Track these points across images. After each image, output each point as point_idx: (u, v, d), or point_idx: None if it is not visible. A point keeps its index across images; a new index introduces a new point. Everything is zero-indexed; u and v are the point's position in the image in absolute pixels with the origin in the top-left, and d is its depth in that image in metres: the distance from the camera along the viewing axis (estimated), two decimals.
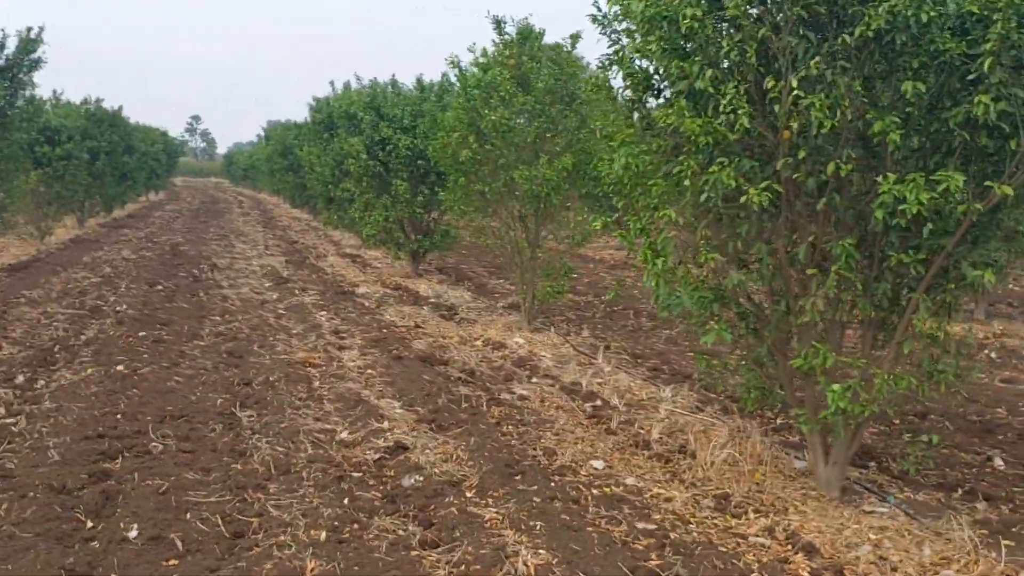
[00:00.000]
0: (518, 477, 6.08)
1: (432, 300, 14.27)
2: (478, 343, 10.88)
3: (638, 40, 5.53)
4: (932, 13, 4.80)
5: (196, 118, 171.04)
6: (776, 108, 5.07)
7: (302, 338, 10.74)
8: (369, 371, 9.15)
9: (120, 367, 8.77)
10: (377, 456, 6.49)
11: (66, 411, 7.18)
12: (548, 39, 12.02)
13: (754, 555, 5.05)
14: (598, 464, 6.45)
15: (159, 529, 5.02)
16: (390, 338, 10.77)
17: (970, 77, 4.86)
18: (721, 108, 5.02)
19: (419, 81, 17.59)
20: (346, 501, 5.60)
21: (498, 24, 11.58)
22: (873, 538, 5.24)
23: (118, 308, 12.26)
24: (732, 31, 5.13)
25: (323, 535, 5.07)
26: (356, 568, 4.69)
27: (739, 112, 4.95)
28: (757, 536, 5.32)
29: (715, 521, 5.53)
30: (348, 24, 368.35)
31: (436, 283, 16.41)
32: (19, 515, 5.09)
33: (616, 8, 5.78)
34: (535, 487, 5.88)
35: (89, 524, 5.12)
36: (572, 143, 10.99)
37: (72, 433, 6.61)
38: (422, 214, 16.63)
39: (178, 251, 20.72)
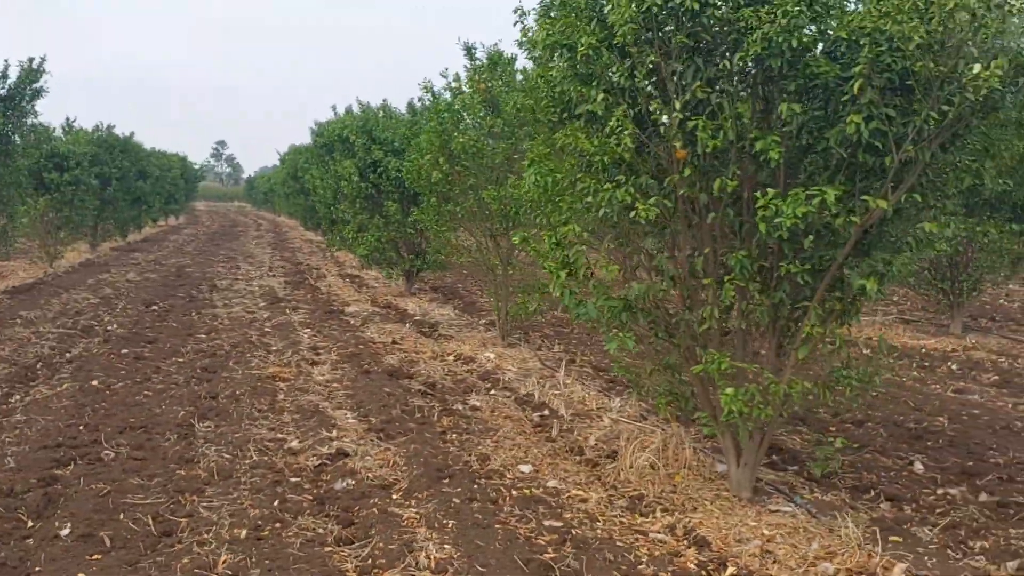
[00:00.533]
0: (446, 481, 6.40)
1: (417, 318, 14.61)
2: (449, 358, 11.22)
3: (545, 65, 5.89)
4: (805, 39, 5.12)
5: (222, 143, 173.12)
6: (661, 130, 5.40)
7: (280, 354, 11.12)
8: (335, 385, 9.51)
9: (95, 382, 9.19)
10: (318, 462, 6.85)
11: (33, 423, 7.59)
12: (523, 63, 12.42)
13: (648, 549, 5.35)
14: (526, 468, 6.77)
15: (92, 528, 5.38)
16: (364, 354, 11.13)
17: (844, 99, 5.17)
18: (608, 129, 5.37)
19: (410, 105, 18.02)
20: (276, 503, 5.95)
21: (468, 50, 11.99)
22: (767, 534, 5.52)
23: (108, 327, 12.72)
24: (622, 58, 5.46)
25: (244, 533, 5.42)
26: (267, 562, 5.03)
27: (624, 133, 5.30)
28: (658, 533, 5.62)
29: (622, 519, 5.83)
30: (371, 48, 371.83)
31: (427, 302, 16.77)
32: None
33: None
34: (459, 489, 6.20)
35: (29, 524, 5.49)
36: None
37: (32, 443, 7.01)
38: (414, 235, 16.98)
39: (183, 273, 21.24)
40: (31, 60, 16.04)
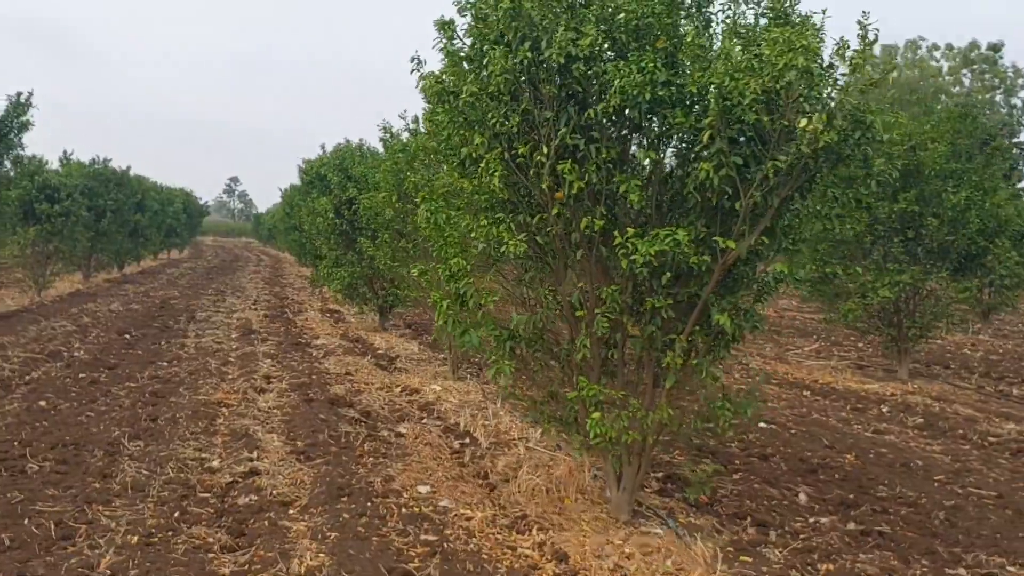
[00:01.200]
0: (345, 499, 6.78)
1: (381, 351, 15.03)
2: (396, 389, 11.60)
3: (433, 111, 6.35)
4: (660, 93, 5.56)
5: (234, 179, 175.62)
6: (531, 172, 5.84)
7: (232, 382, 11.52)
8: (275, 411, 9.90)
9: (43, 403, 9.61)
10: (230, 480, 7.23)
11: None
12: None
13: (510, 562, 5.71)
14: (424, 489, 7.14)
15: None
16: (314, 384, 11.54)
17: (698, 148, 5.60)
18: (481, 170, 5.82)
19: (385, 143, 18.53)
20: (176, 515, 6.33)
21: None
22: (628, 551, 5.87)
23: (75, 353, 13.16)
24: (498, 105, 5.91)
25: (135, 539, 5.80)
26: (148, 564, 5.41)
27: (494, 175, 5.74)
28: (527, 548, 5.98)
29: (498, 536, 6.19)
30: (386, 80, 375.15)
31: (396, 337, 17.18)
32: None
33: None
34: (353, 506, 6.58)
35: None
36: None
37: None
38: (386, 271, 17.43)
39: (167, 304, 21.71)
40: (19, 94, 16.66)
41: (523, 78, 5.80)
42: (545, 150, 5.75)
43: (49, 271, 22.65)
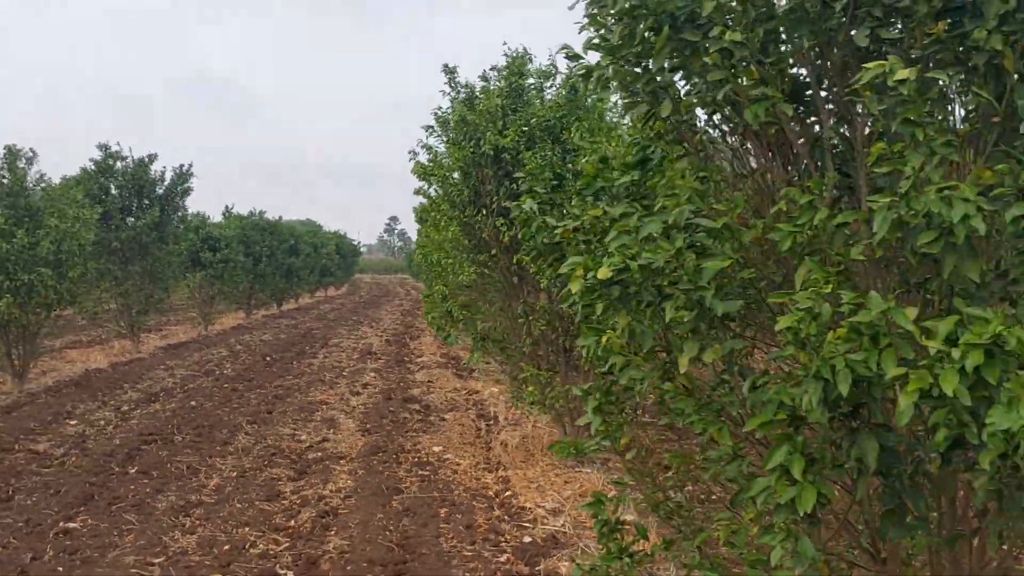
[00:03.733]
0: (379, 454, 9.80)
1: (465, 366, 18.07)
2: (462, 392, 14.60)
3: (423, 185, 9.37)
4: (558, 170, 8.38)
5: (394, 219, 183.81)
6: (476, 226, 8.76)
7: (338, 388, 14.79)
8: (359, 406, 13.06)
9: (193, 403, 13.08)
10: (308, 445, 10.37)
11: (141, 423, 11.46)
12: None
13: (469, 484, 8.57)
14: (437, 448, 10.08)
15: (148, 469, 9.07)
16: (398, 388, 14.67)
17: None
18: (441, 225, 8.77)
19: None
20: (265, 463, 9.49)
21: None
22: (553, 480, 8.64)
23: (224, 371, 16.77)
24: (456, 183, 8.86)
25: (235, 474, 8.98)
26: (240, 485, 8.55)
27: (451, 228, 8.68)
28: (487, 479, 8.83)
29: (474, 473, 9.06)
30: None
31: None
32: (79, 461, 9.28)
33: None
34: (384, 457, 9.59)
35: (115, 468, 9.21)
36: None
37: (134, 432, 10.85)
38: None
39: (309, 334, 25.46)
40: (181, 166, 20.69)
41: (471, 164, 8.73)
42: (484, 212, 8.66)
43: (214, 309, 26.85)
